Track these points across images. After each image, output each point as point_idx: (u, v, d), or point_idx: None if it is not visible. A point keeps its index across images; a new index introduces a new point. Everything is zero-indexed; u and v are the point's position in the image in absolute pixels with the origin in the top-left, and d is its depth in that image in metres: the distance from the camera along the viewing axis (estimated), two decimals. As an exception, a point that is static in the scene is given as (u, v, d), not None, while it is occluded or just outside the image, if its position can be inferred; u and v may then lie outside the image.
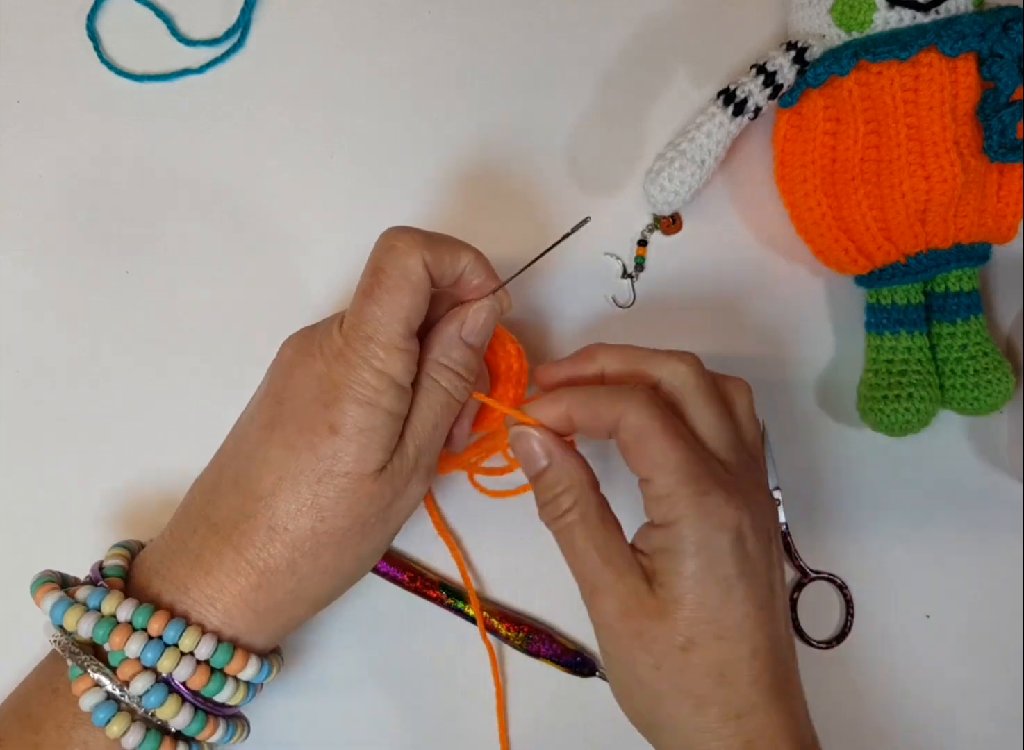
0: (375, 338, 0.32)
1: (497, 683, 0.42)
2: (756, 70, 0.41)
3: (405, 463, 0.34)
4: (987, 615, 0.43)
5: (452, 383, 0.36)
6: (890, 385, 0.41)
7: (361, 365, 0.32)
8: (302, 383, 0.33)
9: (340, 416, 0.32)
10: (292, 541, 0.33)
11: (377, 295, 0.33)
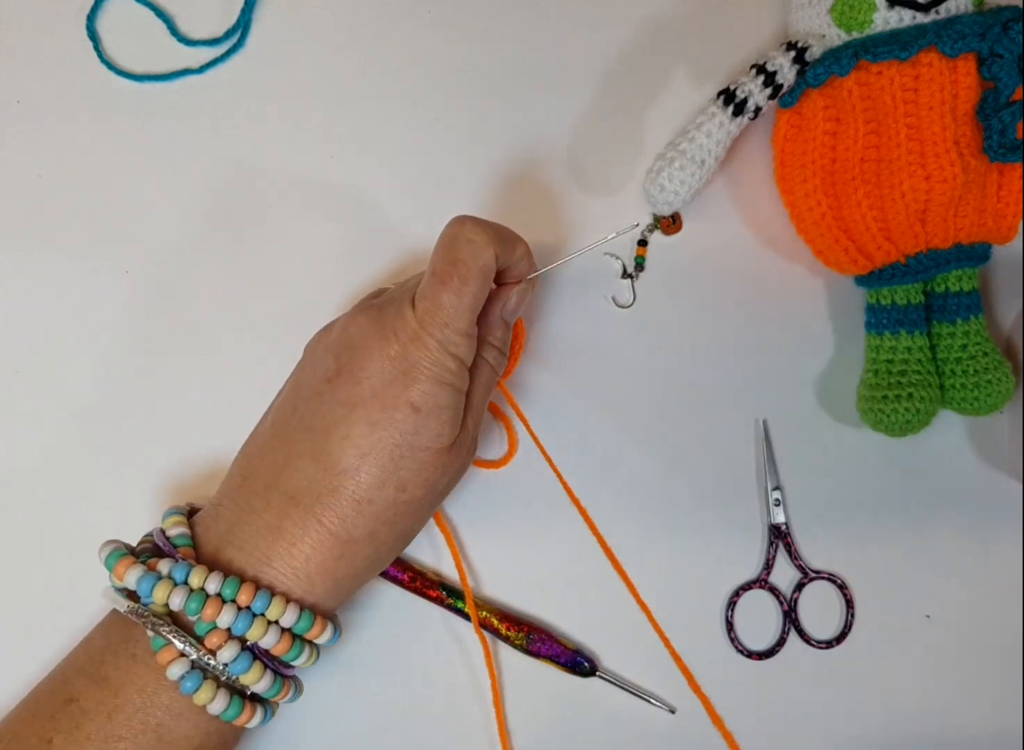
0: (451, 324, 0.34)
1: (492, 677, 0.42)
2: (756, 70, 0.41)
3: (467, 435, 0.37)
4: (987, 615, 0.43)
5: (496, 360, 0.39)
6: (890, 385, 0.41)
7: (438, 348, 0.34)
8: (378, 364, 0.35)
9: (421, 395, 0.34)
10: (376, 512, 0.35)
11: (455, 285, 0.34)
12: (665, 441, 0.44)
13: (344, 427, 0.35)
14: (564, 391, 0.44)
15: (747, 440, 0.43)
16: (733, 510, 0.43)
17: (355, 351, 0.35)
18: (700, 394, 0.44)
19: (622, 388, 0.44)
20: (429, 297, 0.35)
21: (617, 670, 0.43)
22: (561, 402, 0.44)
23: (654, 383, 0.44)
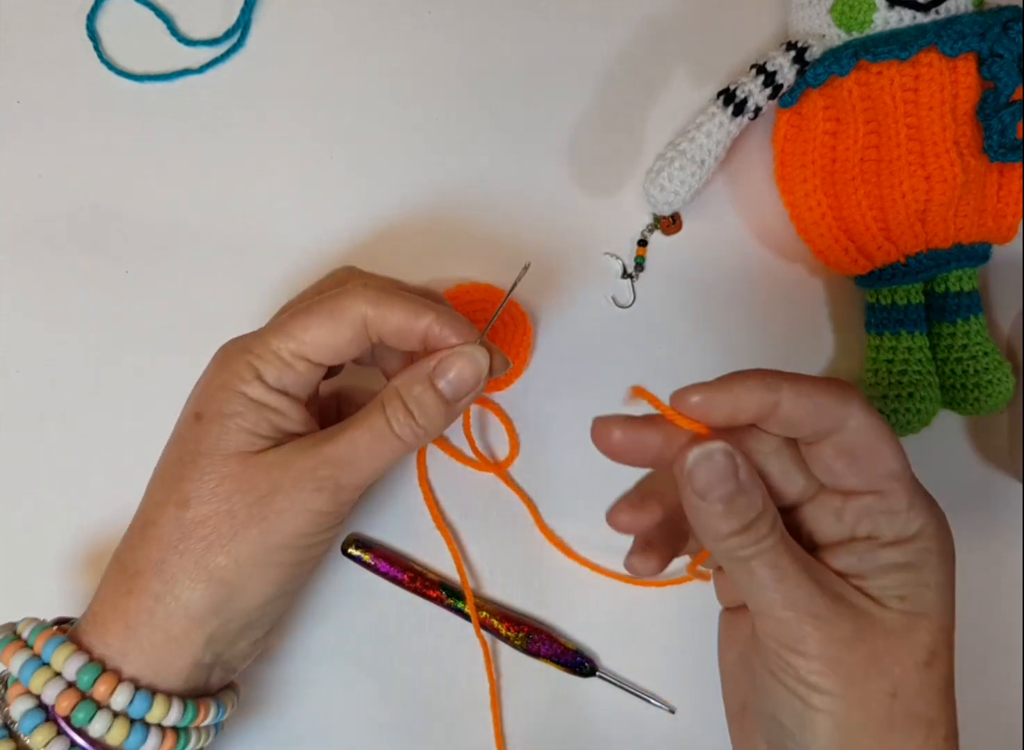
0: (263, 336, 0.33)
1: (491, 678, 0.42)
2: (756, 70, 0.41)
3: (294, 458, 0.32)
4: (987, 615, 0.43)
5: (397, 417, 0.33)
6: (890, 385, 0.41)
7: (237, 357, 0.33)
8: (201, 386, 0.35)
9: (205, 403, 0.33)
10: (158, 535, 0.32)
11: (296, 310, 0.33)
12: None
13: (163, 453, 0.35)
14: (564, 391, 0.44)
15: (747, 440, 0.43)
16: (733, 510, 0.43)
17: (198, 385, 0.35)
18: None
19: (622, 388, 0.44)
20: (274, 320, 0.34)
21: (617, 670, 0.43)
22: (561, 402, 0.44)
23: (654, 383, 0.43)
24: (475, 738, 0.42)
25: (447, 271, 0.44)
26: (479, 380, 0.34)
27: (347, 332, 0.33)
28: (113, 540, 0.36)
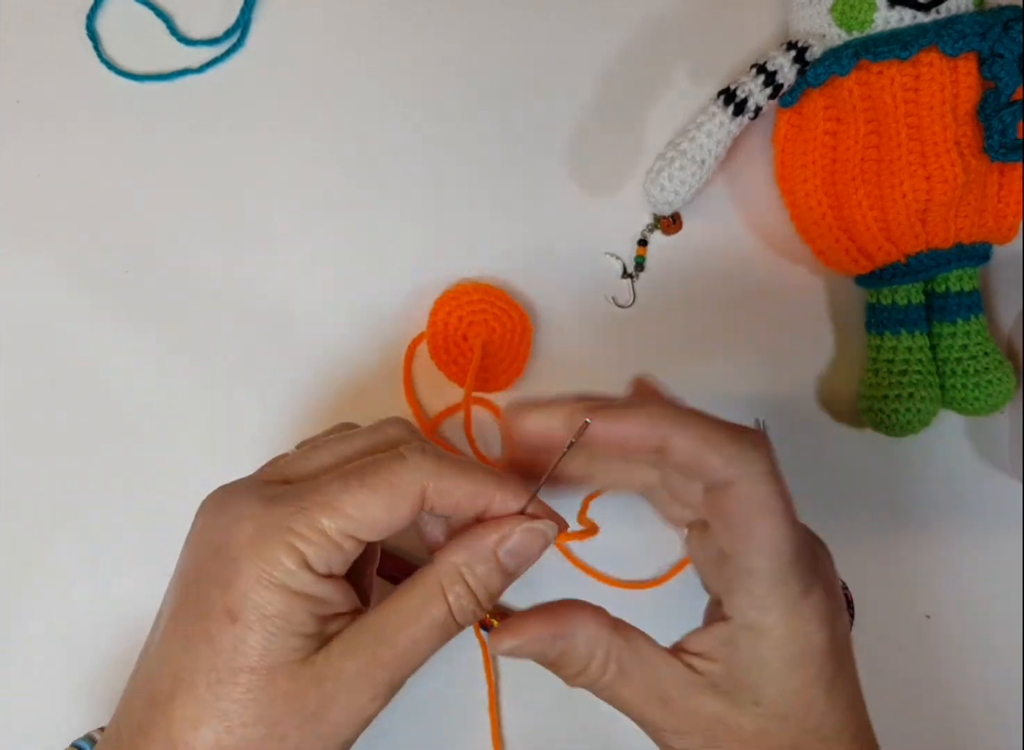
0: (308, 511, 0.27)
1: (490, 679, 0.42)
2: (756, 70, 0.41)
3: (347, 666, 0.28)
4: (987, 615, 0.43)
5: (461, 603, 0.29)
6: (890, 385, 0.41)
7: (275, 538, 0.27)
8: (203, 553, 0.28)
9: (240, 599, 0.27)
10: None
11: (348, 481, 0.28)
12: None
13: (162, 640, 0.28)
14: (563, 391, 0.44)
15: (747, 440, 0.43)
16: (733, 510, 0.43)
17: (189, 539, 0.29)
18: (700, 394, 0.44)
19: (622, 388, 0.44)
20: (311, 480, 0.28)
21: (617, 670, 0.43)
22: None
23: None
24: (474, 738, 0.42)
25: (447, 270, 0.44)
26: (542, 551, 0.31)
27: (405, 508, 0.28)
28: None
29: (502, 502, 0.30)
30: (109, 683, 0.42)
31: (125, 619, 0.42)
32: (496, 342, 0.42)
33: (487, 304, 0.42)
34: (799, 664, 0.27)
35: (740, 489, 0.27)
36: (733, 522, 0.27)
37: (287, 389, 0.44)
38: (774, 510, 0.27)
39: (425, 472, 0.28)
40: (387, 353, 0.44)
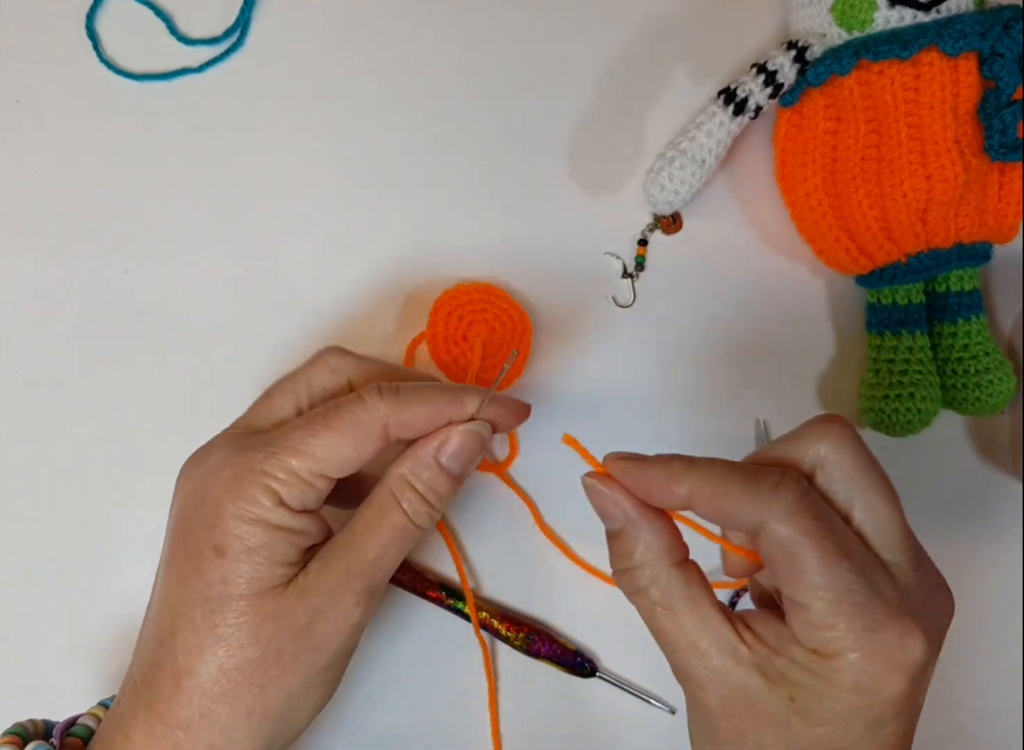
0: (279, 456, 0.30)
1: (490, 680, 0.42)
2: (757, 69, 0.41)
3: (326, 579, 0.31)
4: (987, 615, 0.43)
5: (414, 507, 0.32)
6: (891, 385, 0.41)
7: (251, 480, 0.30)
8: (188, 504, 0.31)
9: (224, 536, 0.30)
10: (200, 686, 0.29)
11: (313, 426, 0.31)
12: (665, 441, 0.44)
13: (160, 586, 0.31)
14: (563, 391, 0.44)
15: (747, 440, 0.43)
16: (733, 510, 0.43)
17: (175, 495, 0.32)
18: (700, 394, 0.44)
19: (622, 388, 0.44)
20: (279, 430, 0.31)
21: (617, 670, 0.43)
22: (560, 402, 0.44)
23: (654, 383, 0.44)
24: (474, 738, 0.42)
25: (447, 270, 0.44)
26: (483, 449, 0.34)
27: (370, 445, 0.31)
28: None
29: (459, 416, 0.33)
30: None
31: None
32: (496, 342, 0.42)
33: (487, 304, 0.42)
34: (847, 694, 0.27)
35: (768, 533, 0.27)
36: (772, 563, 0.28)
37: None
38: (805, 550, 0.26)
39: (384, 410, 0.31)
40: (387, 353, 0.44)
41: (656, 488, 0.29)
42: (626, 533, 0.29)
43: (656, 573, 0.29)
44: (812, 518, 0.27)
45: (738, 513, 0.28)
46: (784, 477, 0.28)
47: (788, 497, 0.27)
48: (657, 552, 0.29)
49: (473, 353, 0.42)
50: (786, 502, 0.27)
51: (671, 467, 0.29)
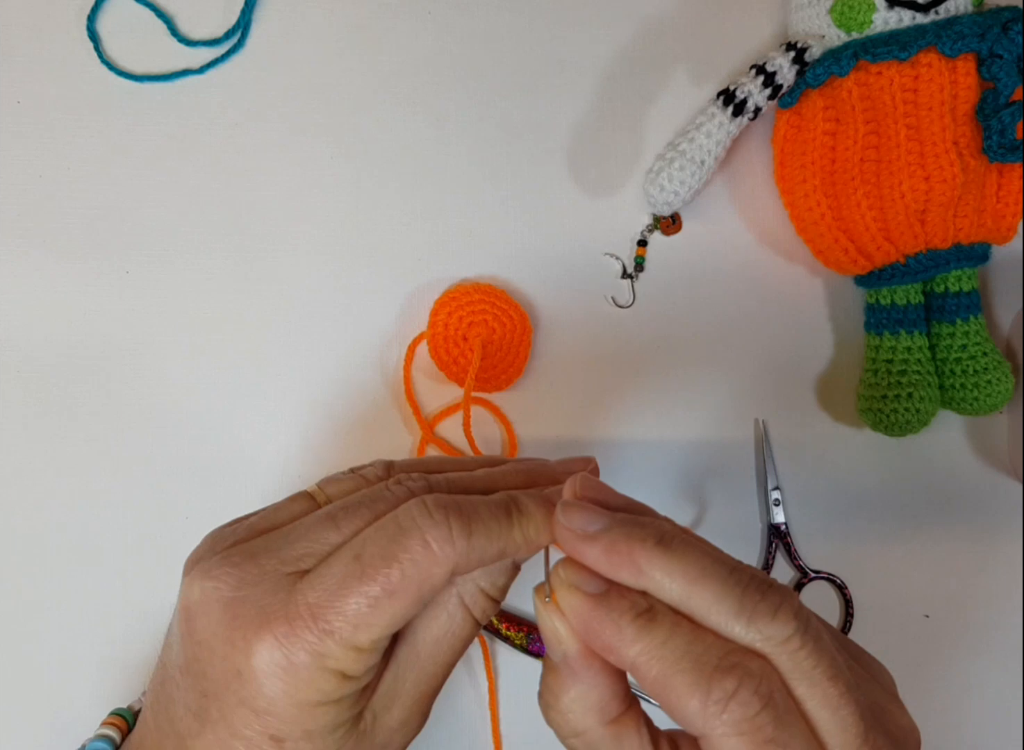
0: (339, 634, 0.25)
1: (490, 680, 0.42)
2: (756, 70, 0.41)
3: (392, 716, 0.28)
4: (987, 615, 0.43)
5: (487, 614, 0.29)
6: (890, 385, 0.41)
7: (308, 663, 0.25)
8: (225, 672, 0.26)
9: (279, 724, 0.26)
10: None
11: (374, 593, 0.25)
12: (665, 441, 0.44)
13: (199, 746, 0.27)
14: (564, 391, 0.44)
15: (747, 440, 0.43)
16: (733, 510, 0.43)
17: (198, 647, 0.26)
18: (700, 394, 0.44)
19: (621, 388, 0.44)
20: (329, 588, 0.25)
21: (617, 670, 0.43)
22: (560, 402, 0.44)
23: (654, 383, 0.44)
24: (474, 738, 0.42)
25: (447, 270, 0.44)
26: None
27: (432, 596, 0.27)
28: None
29: (525, 553, 0.29)
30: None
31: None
32: (496, 342, 0.42)
33: (487, 304, 0.42)
34: None
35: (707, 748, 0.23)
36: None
37: (287, 388, 0.44)
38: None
39: (454, 560, 0.26)
40: (387, 353, 0.44)
41: (600, 641, 0.25)
42: (560, 675, 0.27)
43: (582, 728, 0.26)
44: (762, 743, 0.22)
45: (679, 713, 0.23)
46: (743, 681, 0.23)
47: (738, 714, 0.22)
48: (587, 707, 0.26)
49: (473, 353, 0.42)
50: (734, 721, 0.22)
51: (620, 627, 0.24)
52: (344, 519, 0.27)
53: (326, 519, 0.27)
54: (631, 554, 0.24)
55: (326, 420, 0.44)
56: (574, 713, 0.27)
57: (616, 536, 0.25)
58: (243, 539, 0.27)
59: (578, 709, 0.26)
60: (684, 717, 0.23)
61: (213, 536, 0.28)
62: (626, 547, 0.24)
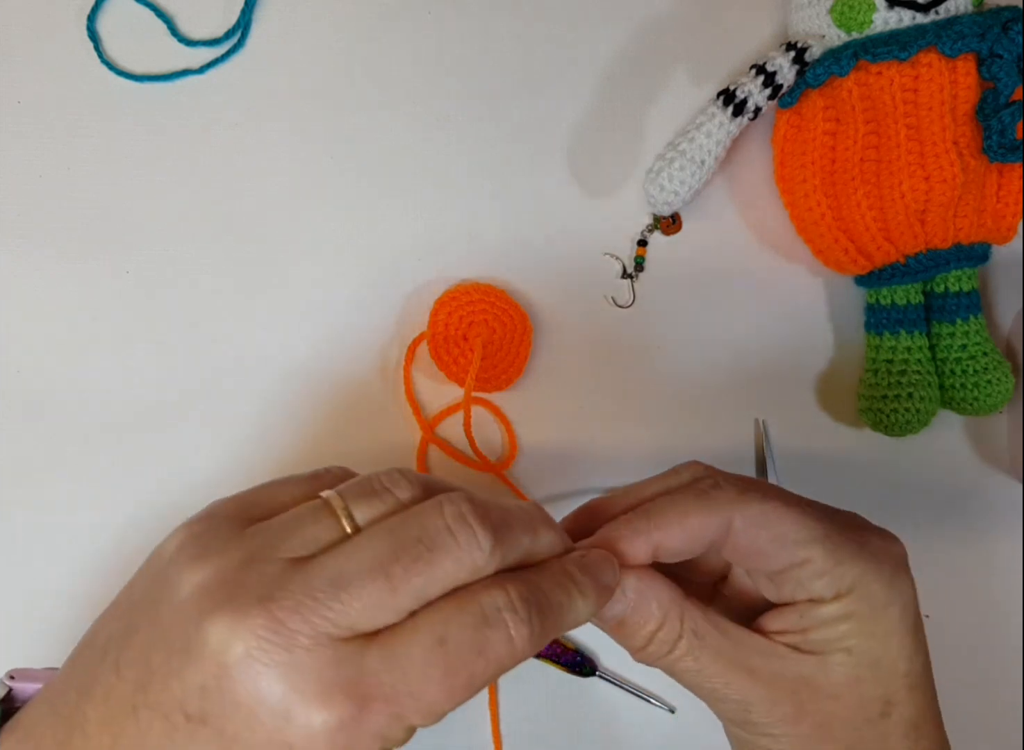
0: (411, 717, 0.24)
1: (493, 681, 0.42)
2: (756, 70, 0.41)
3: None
4: (987, 615, 0.43)
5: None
6: (890, 385, 0.41)
7: (369, 744, 0.23)
8: (271, 745, 0.23)
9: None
10: None
11: (456, 684, 0.24)
12: (665, 441, 0.44)
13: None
14: (564, 391, 0.44)
15: (747, 440, 0.43)
16: (733, 510, 0.43)
17: (236, 709, 0.23)
18: (700, 394, 0.44)
19: (621, 388, 0.44)
20: (408, 672, 0.23)
21: (617, 670, 0.43)
22: (560, 402, 0.44)
23: (654, 383, 0.44)
24: (474, 738, 0.42)
25: (447, 270, 0.44)
26: None
27: None
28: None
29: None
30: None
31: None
32: (496, 342, 0.42)
33: (487, 304, 0.42)
34: (884, 609, 0.28)
35: (740, 524, 0.28)
36: (759, 543, 0.28)
37: (287, 387, 0.44)
38: (784, 513, 0.28)
39: (530, 655, 0.25)
40: (387, 353, 0.44)
41: (638, 554, 0.29)
42: (636, 607, 0.29)
43: (678, 620, 0.29)
44: (762, 492, 0.29)
45: (703, 530, 0.29)
46: (716, 479, 0.30)
47: (733, 491, 0.29)
48: (672, 600, 0.29)
49: (473, 353, 0.42)
50: (735, 494, 0.29)
51: (633, 525, 0.29)
52: (401, 580, 0.24)
53: (381, 578, 0.24)
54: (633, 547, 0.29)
55: (327, 420, 0.44)
56: (667, 625, 0.29)
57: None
58: (277, 576, 0.24)
59: (669, 616, 0.29)
60: (709, 529, 0.28)
61: (216, 514, 0.26)
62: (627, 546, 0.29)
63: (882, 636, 0.28)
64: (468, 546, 0.25)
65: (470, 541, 0.25)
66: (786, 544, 0.28)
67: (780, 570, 0.29)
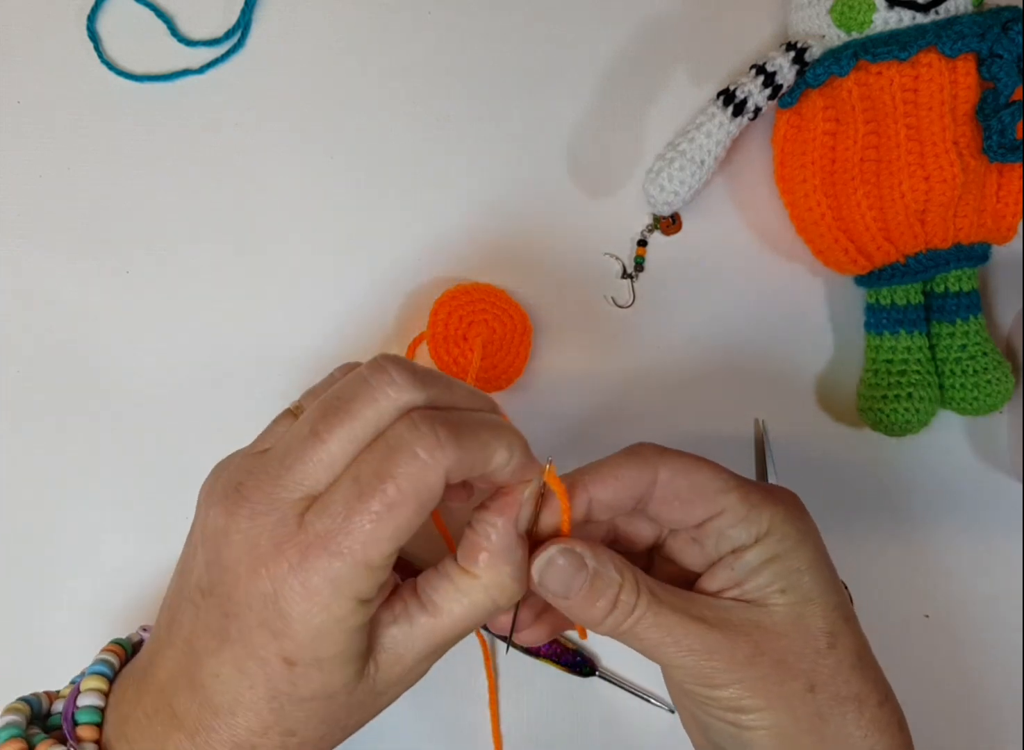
0: (350, 554, 0.26)
1: (490, 678, 0.42)
2: (756, 70, 0.41)
3: (394, 671, 0.29)
4: (987, 615, 0.43)
5: (501, 588, 0.30)
6: (890, 385, 0.41)
7: (322, 587, 0.27)
8: (248, 595, 0.27)
9: (294, 647, 0.27)
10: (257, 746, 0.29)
11: (375, 509, 0.26)
12: (665, 441, 0.44)
13: (214, 663, 0.28)
14: (564, 391, 0.44)
15: (747, 440, 0.43)
16: (733, 510, 0.43)
17: (224, 572, 0.28)
18: (700, 394, 0.44)
19: (621, 388, 0.44)
20: (334, 513, 0.27)
21: (617, 670, 0.43)
22: (560, 402, 0.44)
23: (654, 383, 0.44)
24: (474, 737, 0.42)
25: (447, 270, 0.44)
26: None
27: (434, 505, 0.28)
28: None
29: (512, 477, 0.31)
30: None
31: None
32: (496, 342, 0.42)
33: (487, 304, 0.42)
34: (803, 543, 0.31)
35: (665, 475, 0.32)
36: (681, 493, 0.31)
37: (287, 388, 0.44)
38: (702, 465, 0.32)
39: (445, 465, 0.27)
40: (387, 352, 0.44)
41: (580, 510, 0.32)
42: (598, 573, 0.30)
43: (634, 580, 0.30)
44: (679, 453, 0.32)
45: (633, 481, 0.32)
46: (639, 445, 0.33)
47: (658, 448, 0.32)
48: (623, 562, 0.31)
49: (473, 353, 0.42)
50: (659, 450, 0.32)
51: (571, 478, 0.32)
52: (325, 431, 0.27)
53: (311, 437, 0.28)
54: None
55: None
56: (626, 585, 0.30)
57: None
58: (247, 467, 0.29)
59: (625, 576, 0.30)
60: (638, 481, 0.32)
61: (220, 465, 0.31)
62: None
63: (807, 571, 0.31)
64: (379, 385, 0.27)
65: (381, 380, 0.27)
66: (706, 493, 0.31)
67: (702, 522, 0.31)
